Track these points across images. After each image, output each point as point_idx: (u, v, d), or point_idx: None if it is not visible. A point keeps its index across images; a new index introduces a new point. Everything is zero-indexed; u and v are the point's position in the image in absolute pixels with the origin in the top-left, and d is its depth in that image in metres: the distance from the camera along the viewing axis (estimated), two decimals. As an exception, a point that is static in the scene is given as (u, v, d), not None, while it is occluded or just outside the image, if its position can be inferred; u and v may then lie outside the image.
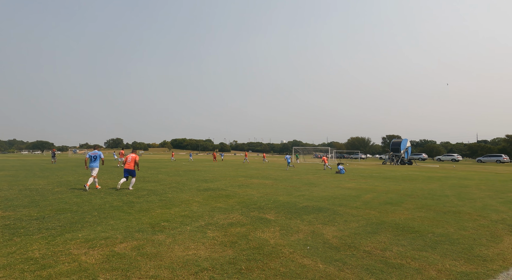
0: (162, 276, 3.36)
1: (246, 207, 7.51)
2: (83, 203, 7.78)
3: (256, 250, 4.27)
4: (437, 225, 5.88)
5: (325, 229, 5.47)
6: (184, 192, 10.09)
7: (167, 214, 6.52)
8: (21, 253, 3.97)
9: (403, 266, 3.75)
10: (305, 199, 8.82)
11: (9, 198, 8.48)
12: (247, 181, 13.93)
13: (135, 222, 5.76)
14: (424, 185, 13.24)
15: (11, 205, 7.34)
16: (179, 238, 4.79)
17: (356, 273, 3.53)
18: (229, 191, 10.35)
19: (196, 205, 7.70)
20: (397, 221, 6.12)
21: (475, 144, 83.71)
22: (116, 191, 9.95)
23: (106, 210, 6.91)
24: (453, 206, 8.04)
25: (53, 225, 5.49)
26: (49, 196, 8.90)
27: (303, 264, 3.77)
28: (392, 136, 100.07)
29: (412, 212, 7.13)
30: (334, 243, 4.65)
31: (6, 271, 3.39)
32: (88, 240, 4.61)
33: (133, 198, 8.67)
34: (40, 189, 10.34)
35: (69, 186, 11.39)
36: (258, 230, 5.31)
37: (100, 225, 5.49)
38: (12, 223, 5.62)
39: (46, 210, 6.83)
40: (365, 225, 5.77)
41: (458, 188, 12.23)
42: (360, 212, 7.05)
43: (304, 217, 6.44)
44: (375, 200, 8.90)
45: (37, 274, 3.34)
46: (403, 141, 41.04)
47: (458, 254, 4.19)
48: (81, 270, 3.47)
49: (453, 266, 3.75)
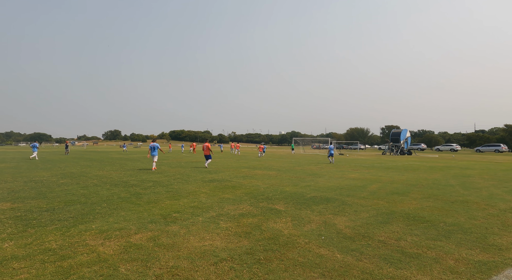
0: (182, 266, 3.36)
1: (254, 197, 7.52)
2: (91, 194, 7.76)
3: (271, 240, 4.28)
4: (447, 214, 5.92)
5: (336, 219, 5.50)
6: (189, 183, 10.09)
7: (176, 205, 6.52)
8: (38, 244, 3.97)
9: (420, 255, 3.77)
10: (311, 190, 8.85)
11: (15, 189, 8.45)
12: (251, 172, 13.95)
13: (146, 213, 5.76)
14: (428, 175, 13.30)
15: (18, 197, 7.32)
16: (193, 229, 4.79)
17: (375, 262, 3.55)
18: (234, 182, 10.36)
19: (204, 196, 7.71)
20: (407, 211, 6.15)
21: (473, 133, 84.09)
22: (122, 183, 9.94)
23: (114, 201, 6.91)
24: (460, 195, 8.09)
25: (65, 216, 5.48)
26: (55, 187, 8.87)
27: (321, 254, 3.79)
28: (391, 127, 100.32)
29: (420, 201, 7.17)
30: (347, 233, 4.67)
31: (26, 262, 3.39)
32: (103, 231, 4.60)
33: (139, 189, 8.66)
34: (45, 181, 10.31)
35: (73, 177, 11.36)
36: (270, 221, 5.32)
37: (111, 216, 5.49)
38: (23, 214, 5.60)
39: (55, 201, 6.81)
40: (375, 215, 5.80)
41: (462, 178, 12.31)
42: (368, 202, 7.08)
43: (313, 207, 6.46)
44: (382, 190, 8.94)
45: (57, 264, 3.33)
46: (403, 131, 41.12)
47: (472, 243, 4.22)
48: (101, 260, 3.47)
49: (469, 255, 3.78)
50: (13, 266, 3.29)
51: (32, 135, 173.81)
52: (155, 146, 15.48)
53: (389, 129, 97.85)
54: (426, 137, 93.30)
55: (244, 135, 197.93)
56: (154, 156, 15.24)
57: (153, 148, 15.36)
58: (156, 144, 15.59)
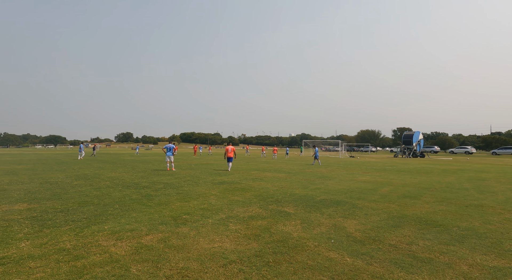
0: (192, 268, 3.40)
1: (263, 200, 7.52)
2: (103, 196, 7.92)
3: (280, 243, 4.28)
4: (460, 218, 5.78)
5: (346, 222, 5.44)
6: (199, 185, 10.17)
7: (186, 207, 6.58)
8: (53, 244, 4.08)
9: (432, 260, 3.70)
10: (321, 192, 8.79)
11: (31, 190, 8.70)
12: (260, 174, 13.96)
13: (157, 215, 5.84)
14: (441, 178, 13.02)
15: (34, 198, 7.54)
16: (202, 230, 4.83)
17: (385, 266, 3.50)
18: (244, 184, 10.39)
19: (214, 198, 7.76)
20: (419, 215, 6.04)
21: (489, 136, 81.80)
22: (134, 184, 10.10)
23: (126, 202, 7.03)
24: (474, 199, 7.89)
25: (78, 217, 5.62)
26: (69, 189, 9.09)
27: (330, 258, 3.76)
28: (403, 129, 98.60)
29: (432, 205, 7.03)
30: (357, 236, 4.62)
31: (42, 261, 3.49)
32: (115, 232, 4.69)
33: (150, 191, 8.79)
34: (60, 182, 10.58)
35: (86, 179, 11.62)
36: (279, 223, 5.31)
37: (123, 218, 5.59)
38: (39, 215, 5.77)
39: (69, 202, 6.98)
40: (386, 219, 5.71)
41: (476, 181, 11.99)
42: (379, 205, 6.98)
43: (323, 210, 6.42)
44: (393, 193, 8.81)
45: (71, 264, 3.42)
46: (415, 133, 40.37)
47: (487, 249, 4.11)
48: (113, 261, 3.55)
49: (484, 261, 3.68)
50: (29, 265, 3.39)
51: (47, 137, 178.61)
52: (170, 146, 15.99)
53: (401, 131, 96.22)
54: (439, 139, 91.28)
55: (254, 138, 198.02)
56: (169, 157, 15.76)
57: (168, 148, 15.89)
58: (172, 144, 16.20)
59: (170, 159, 15.80)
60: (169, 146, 16.04)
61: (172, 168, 15.86)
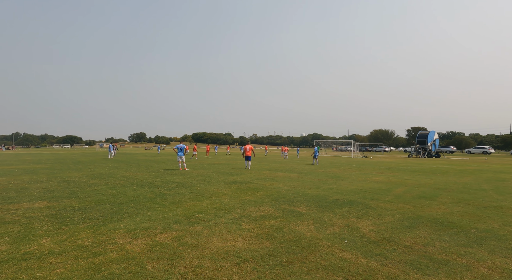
0: (206, 266, 3.44)
1: (275, 200, 7.52)
2: (119, 194, 8.10)
3: (293, 242, 4.28)
4: (479, 220, 5.63)
5: (360, 222, 5.39)
6: (212, 184, 10.26)
7: (199, 206, 6.66)
8: (71, 241, 4.21)
9: (450, 262, 3.62)
10: (334, 192, 8.72)
11: (50, 189, 8.99)
12: (272, 174, 13.95)
13: (171, 214, 5.93)
14: (457, 179, 12.69)
15: (53, 196, 7.78)
16: (215, 229, 4.88)
17: (400, 268, 3.45)
18: (256, 184, 10.41)
19: (226, 197, 7.81)
20: (435, 216, 5.91)
21: (509, 135, 79.03)
22: (148, 184, 10.28)
23: (141, 201, 7.17)
24: (493, 200, 7.66)
25: (95, 215, 5.77)
26: (86, 187, 9.34)
27: (344, 258, 3.73)
28: (417, 128, 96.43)
29: (449, 206, 6.86)
30: (371, 237, 4.57)
31: (62, 257, 3.61)
32: (130, 230, 4.80)
33: (164, 190, 8.93)
34: (77, 181, 10.88)
35: (102, 178, 11.90)
36: (291, 223, 5.31)
37: (138, 216, 5.71)
38: (57, 213, 5.96)
39: (86, 201, 7.18)
40: (401, 219, 5.62)
41: (495, 182, 11.63)
42: (393, 206, 6.87)
43: (336, 210, 6.37)
44: (407, 193, 8.65)
45: (90, 261, 3.52)
46: (430, 133, 39.45)
47: (507, 251, 3.99)
48: (129, 258, 3.63)
49: (504, 264, 3.58)
50: (50, 261, 3.51)
51: (64, 138, 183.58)
52: (181, 146, 16.28)
53: (416, 131, 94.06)
54: (455, 139, 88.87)
55: (265, 138, 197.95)
56: (181, 156, 16.05)
57: (179, 148, 16.19)
58: (183, 145, 16.49)
59: (182, 159, 16.04)
60: (180, 146, 16.30)
61: (185, 168, 16.12)
